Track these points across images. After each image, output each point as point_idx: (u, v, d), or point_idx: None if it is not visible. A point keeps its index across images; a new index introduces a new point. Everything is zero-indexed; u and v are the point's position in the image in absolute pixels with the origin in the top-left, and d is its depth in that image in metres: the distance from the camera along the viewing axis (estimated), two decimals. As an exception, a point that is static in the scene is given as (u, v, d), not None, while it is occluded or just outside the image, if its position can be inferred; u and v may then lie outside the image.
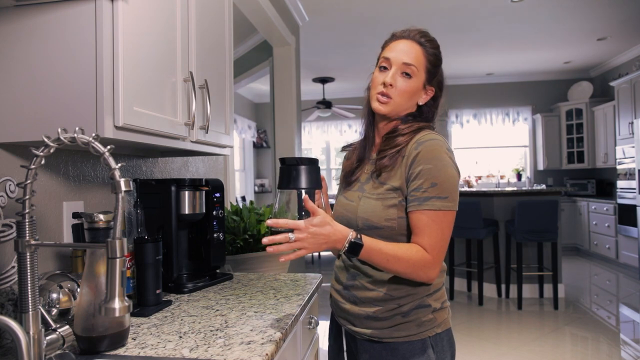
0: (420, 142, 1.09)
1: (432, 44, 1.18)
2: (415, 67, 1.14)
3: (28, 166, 0.84)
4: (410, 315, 1.10)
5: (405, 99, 1.15)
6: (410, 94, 1.15)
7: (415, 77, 1.14)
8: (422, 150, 1.08)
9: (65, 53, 0.98)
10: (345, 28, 5.00)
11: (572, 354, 3.21)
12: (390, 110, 1.15)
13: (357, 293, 1.15)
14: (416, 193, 1.06)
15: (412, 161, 1.07)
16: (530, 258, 4.60)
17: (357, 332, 1.16)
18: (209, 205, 1.61)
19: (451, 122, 7.78)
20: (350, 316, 1.17)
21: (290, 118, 4.13)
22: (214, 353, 0.94)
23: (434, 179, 1.05)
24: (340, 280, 1.22)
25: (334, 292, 1.25)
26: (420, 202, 1.05)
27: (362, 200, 1.14)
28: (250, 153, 8.10)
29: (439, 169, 1.05)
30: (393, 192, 1.09)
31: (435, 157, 1.06)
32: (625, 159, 5.71)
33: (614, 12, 4.75)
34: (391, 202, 1.09)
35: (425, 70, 1.16)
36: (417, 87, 1.15)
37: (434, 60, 1.17)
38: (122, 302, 0.76)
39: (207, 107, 1.39)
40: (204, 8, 1.42)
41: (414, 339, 1.10)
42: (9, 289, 1.05)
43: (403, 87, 1.14)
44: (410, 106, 1.18)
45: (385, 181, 1.12)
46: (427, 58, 1.16)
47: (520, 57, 6.43)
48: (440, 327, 1.13)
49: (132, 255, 1.28)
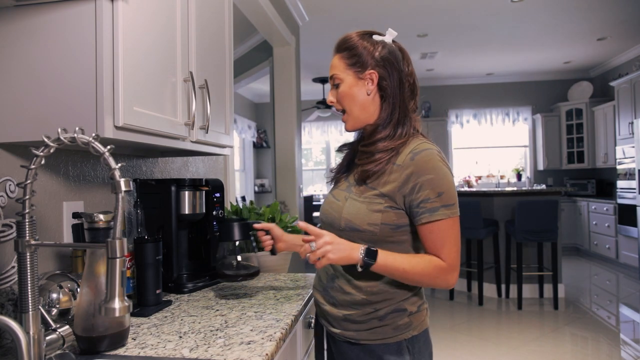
0: (416, 153, 1.08)
1: (344, 42, 1.17)
2: (336, 74, 1.17)
3: (28, 166, 0.84)
4: (387, 319, 1.12)
5: (350, 104, 1.16)
6: (350, 96, 1.15)
7: (343, 81, 1.16)
8: (419, 161, 1.07)
9: (66, 53, 0.98)
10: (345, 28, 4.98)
11: (572, 354, 3.21)
12: (353, 123, 1.18)
13: (336, 295, 1.17)
14: (425, 205, 1.06)
15: (411, 174, 1.07)
16: (530, 258, 4.60)
17: (336, 334, 1.18)
18: (209, 205, 1.61)
19: (451, 122, 7.77)
20: (330, 317, 1.19)
21: (290, 118, 4.13)
22: (214, 353, 0.94)
23: (439, 189, 1.06)
24: (321, 281, 1.23)
25: (316, 292, 1.26)
26: (432, 213, 1.06)
27: (348, 202, 1.15)
28: (250, 153, 8.10)
29: (440, 178, 1.06)
30: (380, 198, 1.10)
31: (434, 167, 1.07)
32: (625, 159, 5.71)
33: (614, 12, 4.75)
34: (376, 207, 1.10)
35: (347, 68, 1.15)
36: (350, 86, 1.15)
37: (349, 53, 1.15)
38: (122, 302, 0.76)
39: (207, 107, 1.39)
40: (203, 8, 1.42)
41: (389, 342, 1.12)
42: (9, 289, 1.05)
43: (339, 97, 1.17)
44: (365, 105, 1.15)
45: (373, 186, 1.12)
46: (344, 56, 1.16)
47: (520, 57, 6.43)
48: (416, 330, 1.14)
49: (132, 255, 1.28)
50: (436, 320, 4.02)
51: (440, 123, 7.65)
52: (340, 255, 1.05)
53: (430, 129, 7.60)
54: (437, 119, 7.66)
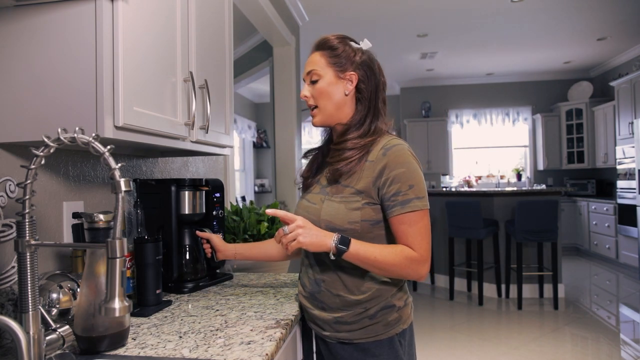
0: (388, 148, 1.12)
1: (326, 42, 1.19)
2: (316, 69, 1.18)
3: (28, 166, 0.84)
4: (377, 317, 1.14)
5: (325, 100, 1.17)
6: (327, 93, 1.17)
7: (322, 78, 1.17)
8: (391, 155, 1.11)
9: (66, 53, 0.98)
10: (345, 28, 4.99)
11: (572, 354, 3.21)
12: (323, 118, 1.19)
13: (324, 299, 1.18)
14: (397, 197, 1.09)
15: (383, 167, 1.10)
16: (530, 258, 4.60)
17: (327, 337, 1.19)
18: (209, 205, 1.61)
19: (451, 122, 7.77)
20: (320, 321, 1.20)
21: (290, 118, 4.13)
22: (214, 353, 0.94)
23: (410, 181, 1.09)
24: (306, 287, 1.24)
25: (302, 298, 1.26)
26: (403, 205, 1.09)
27: (325, 203, 1.16)
28: (250, 153, 8.10)
29: (411, 172, 1.10)
30: (357, 196, 1.12)
31: (406, 162, 1.11)
32: (625, 159, 5.71)
33: (614, 12, 4.75)
34: (354, 205, 1.12)
35: (327, 65, 1.17)
36: (329, 83, 1.17)
37: (332, 52, 1.18)
38: (122, 302, 0.76)
39: (207, 107, 1.39)
40: (203, 8, 1.42)
41: (382, 338, 1.14)
42: (9, 289, 1.05)
43: (315, 92, 1.18)
44: (341, 104, 1.18)
45: (347, 184, 1.14)
46: (325, 54, 1.18)
47: (520, 57, 6.43)
48: (405, 324, 1.18)
49: (132, 255, 1.28)
50: (436, 320, 4.02)
51: (440, 123, 7.65)
52: (311, 240, 1.07)
53: (430, 129, 7.61)
54: (437, 119, 7.66)
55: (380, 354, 1.14)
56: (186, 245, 1.56)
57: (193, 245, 1.62)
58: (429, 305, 4.50)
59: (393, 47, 5.80)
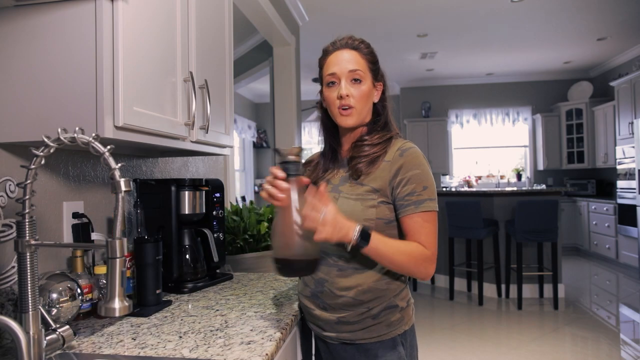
0: (404, 150, 1.15)
1: (364, 44, 1.22)
2: (360, 70, 1.18)
3: (28, 166, 0.84)
4: (380, 317, 1.14)
5: (363, 103, 1.19)
6: (367, 97, 1.19)
7: (365, 80, 1.18)
8: (408, 157, 1.14)
9: (66, 53, 0.98)
10: (345, 28, 4.99)
11: (572, 354, 3.21)
12: (356, 120, 1.19)
13: (326, 299, 1.17)
14: (411, 197, 1.11)
15: (400, 168, 1.13)
16: (530, 258, 4.60)
17: (328, 337, 1.19)
18: (209, 205, 1.61)
19: (451, 122, 7.77)
20: (321, 322, 1.19)
21: (290, 118, 4.13)
22: (214, 353, 0.94)
23: (424, 183, 1.12)
24: (308, 286, 1.23)
25: (303, 299, 1.25)
26: (417, 205, 1.11)
27: (340, 201, 1.16)
28: (250, 153, 8.10)
29: (425, 174, 1.14)
30: (373, 194, 1.13)
31: (421, 164, 1.14)
32: (625, 159, 5.71)
33: (614, 12, 4.75)
34: (370, 202, 1.13)
35: (369, 70, 1.20)
36: (369, 88, 1.19)
37: (372, 58, 1.22)
38: (122, 302, 0.76)
39: (207, 107, 1.39)
40: (203, 8, 1.42)
41: (384, 338, 1.14)
42: (9, 289, 1.05)
43: (358, 93, 1.18)
44: (370, 109, 1.22)
45: (364, 183, 1.15)
46: (366, 58, 1.20)
47: (520, 57, 6.43)
48: (407, 325, 1.18)
49: (132, 255, 1.28)
50: (436, 320, 4.02)
51: (440, 123, 7.64)
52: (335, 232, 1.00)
53: (430, 129, 7.61)
54: (437, 119, 7.66)
55: (382, 354, 1.13)
56: (186, 245, 1.56)
57: (193, 246, 1.63)
58: (429, 305, 4.50)
59: (393, 47, 5.80)
